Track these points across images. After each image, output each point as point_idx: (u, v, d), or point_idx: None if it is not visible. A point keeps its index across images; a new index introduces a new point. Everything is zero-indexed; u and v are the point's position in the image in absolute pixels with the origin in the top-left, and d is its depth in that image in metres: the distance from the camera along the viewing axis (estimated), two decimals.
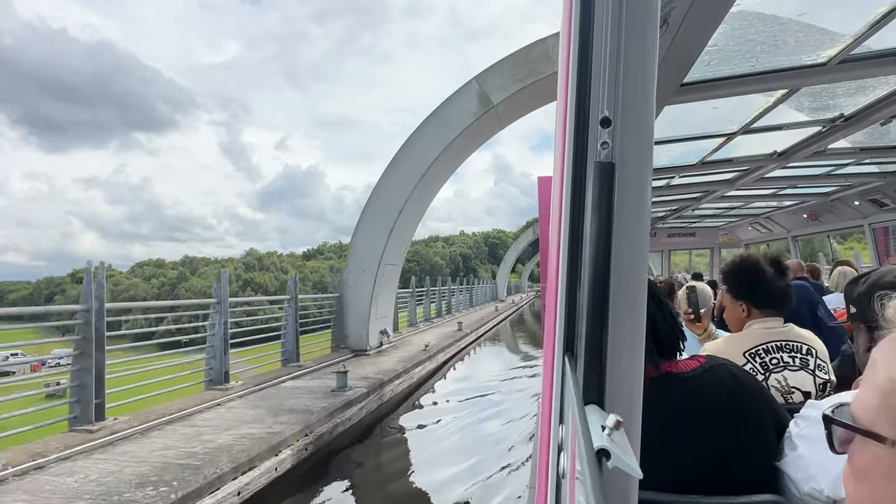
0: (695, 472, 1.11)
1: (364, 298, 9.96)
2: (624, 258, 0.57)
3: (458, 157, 10.91)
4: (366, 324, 10.00)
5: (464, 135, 9.85)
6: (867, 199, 5.73)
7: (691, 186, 5.76)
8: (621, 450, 0.46)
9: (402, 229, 10.36)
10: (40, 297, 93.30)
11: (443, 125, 9.84)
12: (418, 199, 10.44)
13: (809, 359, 1.65)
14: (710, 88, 2.60)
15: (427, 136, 10.01)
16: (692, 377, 1.22)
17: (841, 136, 3.47)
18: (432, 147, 9.94)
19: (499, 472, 5.02)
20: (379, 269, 9.95)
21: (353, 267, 10.28)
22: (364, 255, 10.14)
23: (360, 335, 10.05)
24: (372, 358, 9.50)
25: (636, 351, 0.60)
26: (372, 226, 10.12)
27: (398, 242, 10.42)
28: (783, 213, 7.88)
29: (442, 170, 10.64)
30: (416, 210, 10.89)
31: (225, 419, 5.38)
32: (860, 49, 2.22)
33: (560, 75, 0.77)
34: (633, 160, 0.58)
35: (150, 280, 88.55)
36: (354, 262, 10.27)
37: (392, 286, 11.16)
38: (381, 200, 10.13)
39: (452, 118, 9.80)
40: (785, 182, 5.56)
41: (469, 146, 10.79)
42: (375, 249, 10.03)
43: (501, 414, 7.42)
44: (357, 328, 10.07)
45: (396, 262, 10.84)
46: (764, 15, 2.10)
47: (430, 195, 11.29)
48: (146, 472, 3.88)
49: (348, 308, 10.15)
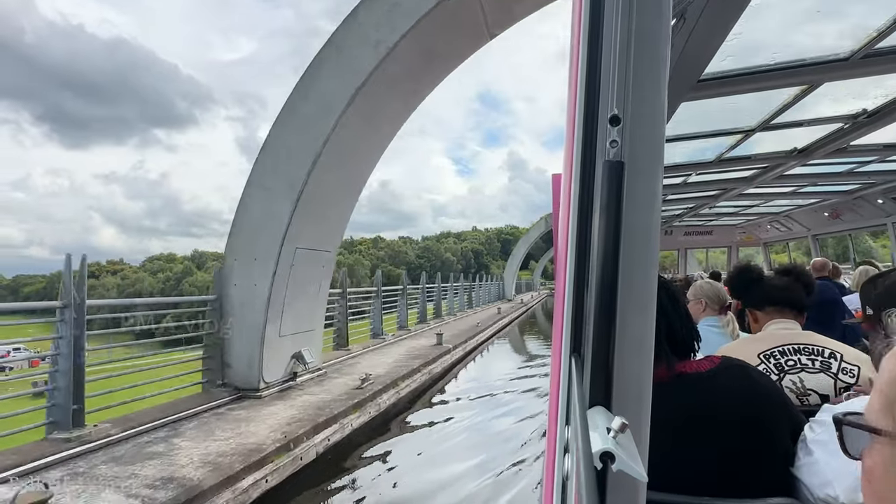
0: (708, 472, 1.10)
1: (256, 303, 5.88)
2: (633, 259, 0.56)
3: (426, 71, 6.33)
4: (258, 345, 5.81)
5: (427, 26, 5.46)
6: (891, 197, 5.59)
7: (708, 184, 5.68)
8: (627, 453, 0.45)
9: (326, 191, 6.29)
10: (53, 290, 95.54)
11: (394, 9, 5.52)
12: (351, 140, 6.18)
13: (833, 362, 1.62)
14: (728, 84, 2.56)
15: (366, 23, 5.65)
16: (707, 377, 1.20)
17: (864, 133, 3.39)
18: (369, 50, 5.61)
19: None
20: (282, 254, 5.87)
21: (237, 252, 6.05)
22: (254, 232, 5.98)
23: (247, 364, 5.86)
24: (252, 410, 5.25)
25: (645, 353, 0.59)
26: (269, 185, 5.96)
27: (319, 212, 6.36)
28: (803, 212, 7.73)
29: (397, 92, 6.29)
30: (351, 161, 6.56)
31: None
32: (884, 43, 2.16)
33: (569, 71, 0.77)
34: (643, 159, 0.57)
35: (157, 274, 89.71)
36: (240, 245, 6.05)
37: (315, 284, 6.83)
38: (282, 143, 5.97)
39: None
40: (805, 180, 5.45)
41: (440, 54, 6.16)
42: (274, 222, 5.87)
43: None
44: (244, 352, 5.90)
45: (322, 247, 6.72)
46: (783, 8, 2.06)
47: (379, 138, 6.89)
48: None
49: (230, 318, 6.00)
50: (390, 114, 6.63)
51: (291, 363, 6.42)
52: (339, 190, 6.70)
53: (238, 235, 6.07)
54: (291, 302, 6.25)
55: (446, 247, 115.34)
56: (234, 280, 6.01)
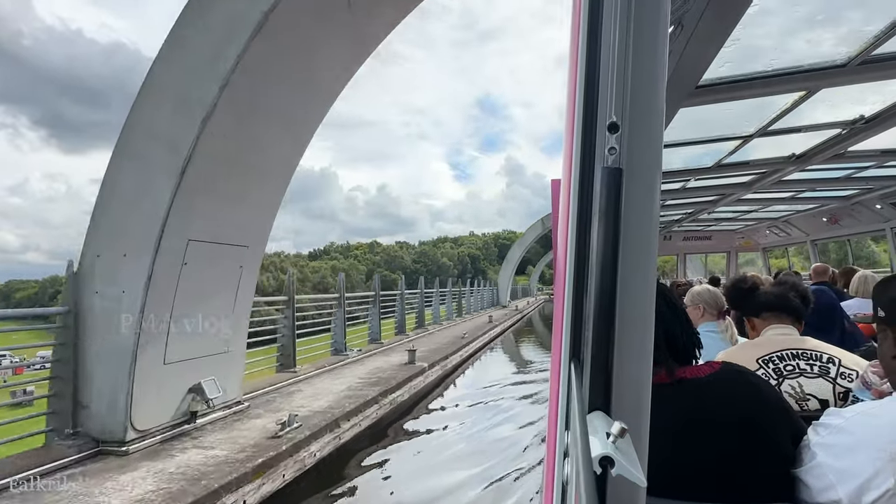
0: (707, 476, 1.10)
1: (123, 318, 4.08)
2: (631, 264, 0.57)
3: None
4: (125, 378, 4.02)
5: None
6: (889, 202, 5.61)
7: (707, 189, 5.70)
8: (626, 457, 0.45)
9: (231, 161, 4.53)
10: (45, 295, 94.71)
11: None
12: (266, 89, 4.49)
13: (831, 367, 1.62)
14: (726, 90, 2.57)
15: None
16: (706, 382, 1.21)
17: (862, 139, 3.41)
18: None
19: None
20: (161, 248, 4.11)
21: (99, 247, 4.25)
22: (123, 217, 4.22)
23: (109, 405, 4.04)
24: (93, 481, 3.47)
25: (644, 358, 0.59)
26: (142, 151, 4.22)
27: (224, 192, 4.58)
28: (801, 217, 7.75)
29: (332, 24, 4.51)
30: (272, 119, 4.77)
31: None
32: (881, 49, 2.18)
33: (568, 79, 0.77)
34: (641, 166, 0.57)
35: None
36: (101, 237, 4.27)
37: (228, 290, 5.00)
38: (164, 89, 4.24)
39: None
40: (803, 185, 5.47)
41: None
42: (149, 203, 4.14)
43: None
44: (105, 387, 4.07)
45: (235, 241, 4.91)
46: (781, 15, 2.07)
47: (314, 91, 5.04)
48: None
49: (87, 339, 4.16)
50: (328, 55, 4.79)
51: (188, 399, 4.57)
52: (255, 160, 4.79)
53: (99, 225, 4.24)
54: (184, 315, 4.44)
55: (443, 251, 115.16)
56: (94, 285, 4.17)
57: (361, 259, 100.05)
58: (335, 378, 6.93)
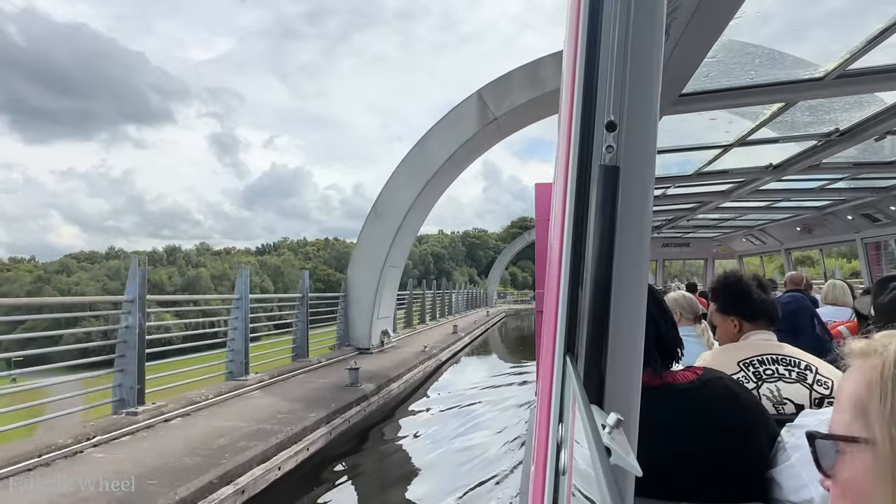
0: (687, 480, 1.12)
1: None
2: (626, 261, 0.58)
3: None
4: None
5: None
6: (860, 214, 5.79)
7: (687, 196, 5.81)
8: (621, 448, 0.46)
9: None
10: None
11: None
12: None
13: (808, 374, 1.66)
14: (707, 100, 2.63)
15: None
16: (688, 388, 1.24)
17: (836, 151, 3.52)
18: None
19: None
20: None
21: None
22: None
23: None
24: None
25: (635, 352, 0.60)
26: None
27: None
28: (777, 226, 7.95)
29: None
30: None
31: None
32: (857, 64, 2.25)
33: (565, 79, 0.79)
34: (636, 164, 0.58)
35: None
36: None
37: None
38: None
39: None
40: (779, 195, 5.62)
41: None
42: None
43: None
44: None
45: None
46: (762, 29, 2.13)
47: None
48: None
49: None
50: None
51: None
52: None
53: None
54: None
55: None
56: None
57: (314, 256, 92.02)
58: None
